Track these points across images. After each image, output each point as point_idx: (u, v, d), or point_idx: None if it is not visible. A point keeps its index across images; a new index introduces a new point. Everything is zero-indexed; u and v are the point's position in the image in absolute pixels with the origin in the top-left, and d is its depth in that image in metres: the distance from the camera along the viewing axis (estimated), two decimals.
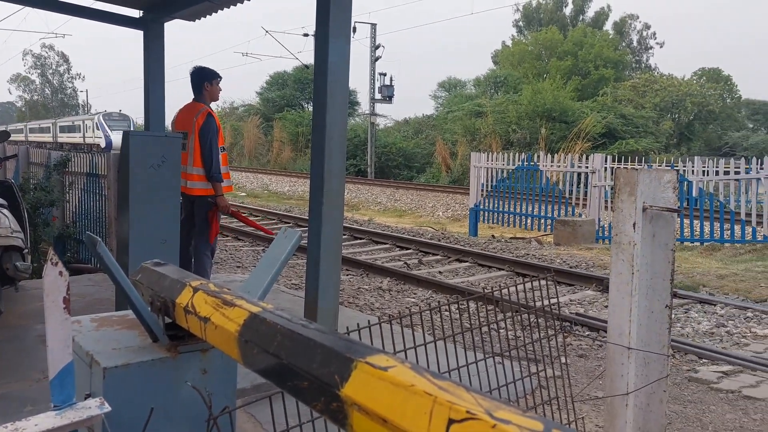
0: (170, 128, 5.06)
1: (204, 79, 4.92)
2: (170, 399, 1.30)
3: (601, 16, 46.35)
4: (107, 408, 1.12)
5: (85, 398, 1.15)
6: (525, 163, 13.12)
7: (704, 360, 4.66)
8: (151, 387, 1.27)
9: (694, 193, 10.75)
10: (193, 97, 4.98)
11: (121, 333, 1.43)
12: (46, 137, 47.42)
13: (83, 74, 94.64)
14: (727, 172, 10.56)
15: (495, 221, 13.48)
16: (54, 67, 75.73)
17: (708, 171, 11.06)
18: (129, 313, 1.52)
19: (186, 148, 4.74)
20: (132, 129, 25.09)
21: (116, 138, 30.47)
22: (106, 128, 34.71)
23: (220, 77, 5.00)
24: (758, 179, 10.03)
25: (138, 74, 6.28)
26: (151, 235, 3.69)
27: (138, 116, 36.35)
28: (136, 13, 6.35)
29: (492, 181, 13.60)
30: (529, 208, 12.77)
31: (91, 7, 6.50)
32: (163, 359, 1.30)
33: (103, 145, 33.69)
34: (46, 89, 76.35)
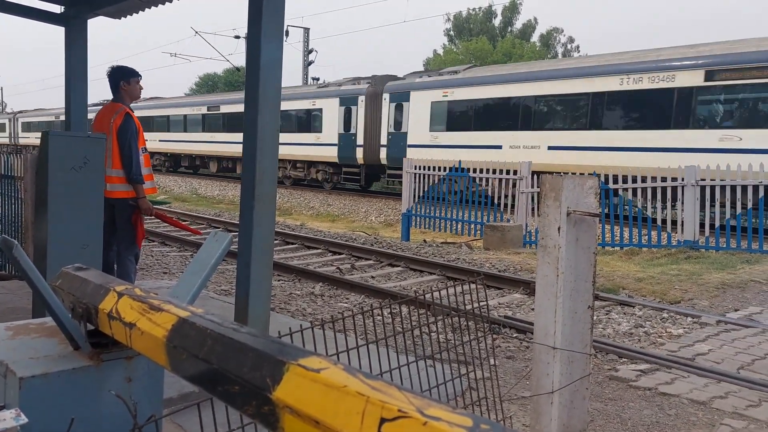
0: (92, 130, 4.87)
1: (120, 78, 4.76)
2: (93, 409, 1.25)
3: (529, 28, 47.90)
4: (24, 420, 1.07)
5: None
6: (455, 170, 13.37)
7: (624, 359, 4.87)
8: (72, 397, 1.22)
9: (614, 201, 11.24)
10: (112, 98, 4.82)
11: (40, 341, 1.36)
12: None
13: None
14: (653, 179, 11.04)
15: (427, 226, 13.66)
16: None
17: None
18: (48, 321, 1.45)
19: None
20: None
21: None
22: None
23: (140, 76, 4.84)
24: (683, 186, 10.58)
25: (59, 72, 6.02)
26: (71, 240, 3.53)
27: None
28: (57, 9, 6.08)
29: (424, 187, 13.78)
30: (460, 214, 13.01)
31: (9, 1, 6.17)
32: (84, 368, 1.25)
33: None
34: None
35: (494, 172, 12.76)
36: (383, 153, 21.10)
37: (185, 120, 31.18)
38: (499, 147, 17.12)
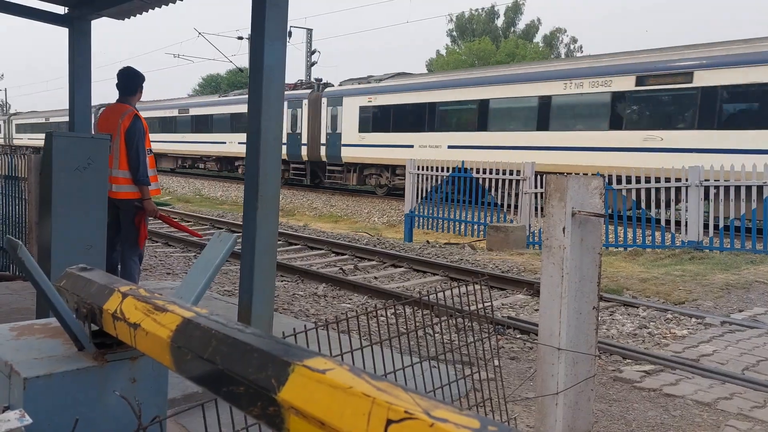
0: (95, 129, 4.89)
1: (141, 82, 4.85)
2: (97, 410, 1.24)
3: (532, 28, 47.88)
4: (28, 420, 1.06)
5: (4, 411, 1.09)
6: (459, 171, 13.35)
7: (628, 360, 4.86)
8: (77, 397, 1.22)
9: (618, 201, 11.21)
10: (117, 99, 4.83)
11: (44, 342, 1.36)
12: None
13: (2, 73, 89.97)
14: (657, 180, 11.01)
15: (430, 227, 13.64)
16: None
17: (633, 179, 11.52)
18: (52, 321, 1.45)
19: (111, 150, 4.59)
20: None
21: None
22: None
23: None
24: (686, 187, 10.55)
25: (63, 73, 6.03)
26: (75, 241, 3.53)
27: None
28: (60, 10, 6.09)
29: (427, 188, 13.76)
30: (463, 214, 12.99)
31: (13, 2, 6.19)
32: (89, 368, 1.25)
33: None
34: None
35: (497, 172, 12.74)
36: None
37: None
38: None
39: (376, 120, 21.79)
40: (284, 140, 23.77)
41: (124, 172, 4.58)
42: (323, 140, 23.77)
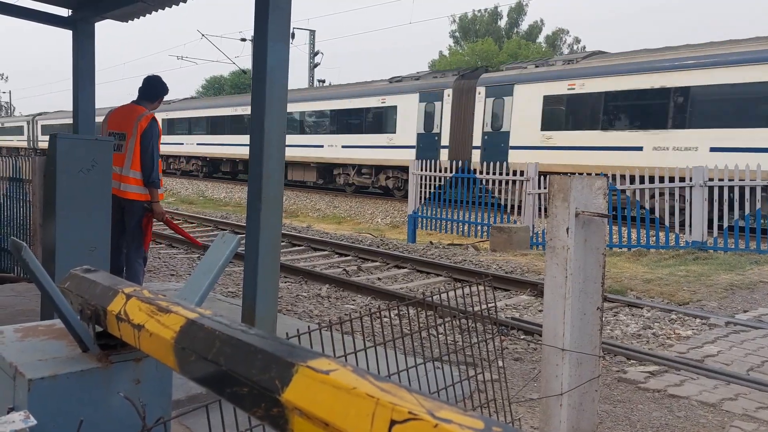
0: (103, 127, 4.87)
1: (162, 93, 4.91)
2: (101, 411, 1.24)
3: (535, 29, 47.85)
4: (33, 422, 1.06)
5: (8, 412, 1.09)
6: (462, 172, 13.35)
7: (632, 361, 4.85)
8: (81, 399, 1.22)
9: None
10: (134, 100, 4.86)
11: (48, 343, 1.36)
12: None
13: (6, 74, 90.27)
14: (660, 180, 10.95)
15: (433, 228, 13.64)
16: None
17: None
18: (56, 322, 1.45)
19: (123, 149, 4.60)
20: None
21: None
22: None
23: None
24: (690, 187, 10.52)
25: (66, 75, 6.05)
26: (79, 243, 3.54)
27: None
28: (64, 12, 6.11)
29: (430, 189, 13.76)
30: (466, 215, 12.98)
31: (16, 4, 6.21)
32: (93, 369, 1.25)
33: None
34: None
35: (500, 173, 12.73)
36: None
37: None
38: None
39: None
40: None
41: (135, 172, 4.59)
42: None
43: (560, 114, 16.30)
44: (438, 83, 19.91)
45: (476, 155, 17.98)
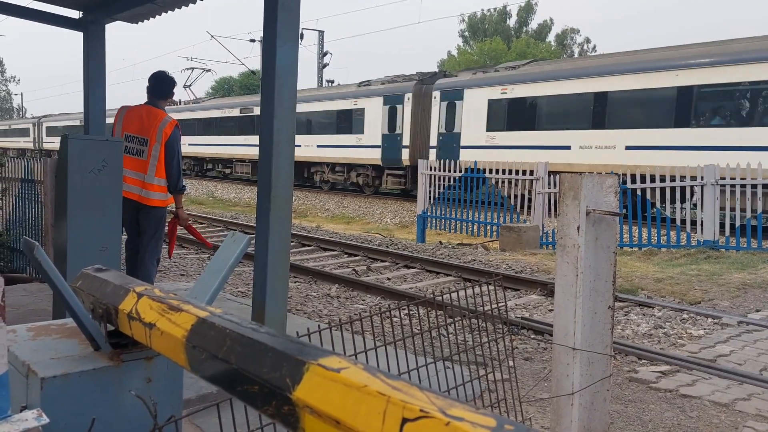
0: (117, 127, 4.78)
1: (171, 87, 4.86)
2: (113, 409, 1.25)
3: (544, 28, 47.69)
4: (45, 420, 1.07)
5: (21, 410, 1.10)
6: (471, 171, 13.32)
7: (643, 360, 4.81)
8: (93, 397, 1.22)
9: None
10: (147, 101, 4.76)
11: (60, 342, 1.37)
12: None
13: (18, 77, 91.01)
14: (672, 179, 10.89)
15: (442, 228, 13.62)
16: None
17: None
18: (68, 321, 1.46)
19: (145, 155, 4.54)
20: None
21: None
22: None
23: None
24: (702, 186, 10.45)
25: (77, 77, 6.09)
26: (90, 243, 3.57)
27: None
28: (75, 14, 6.15)
29: (439, 188, 13.74)
30: (476, 215, 12.95)
31: (28, 6, 6.26)
32: (105, 368, 1.26)
33: None
34: None
35: (510, 172, 12.69)
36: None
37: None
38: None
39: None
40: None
41: (160, 179, 4.57)
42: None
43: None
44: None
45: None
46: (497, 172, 12.92)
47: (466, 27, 48.92)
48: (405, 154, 20.81)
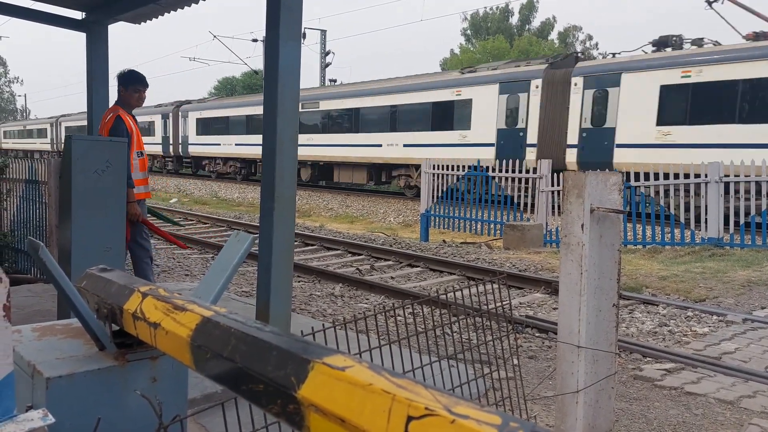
0: (127, 126, 4.85)
1: (120, 83, 4.78)
2: (118, 409, 1.25)
3: (547, 26, 47.59)
4: (51, 419, 1.07)
5: (27, 410, 1.10)
6: (475, 170, 13.31)
7: (648, 358, 4.80)
8: (98, 397, 1.23)
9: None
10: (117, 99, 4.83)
11: (65, 342, 1.37)
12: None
13: (21, 78, 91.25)
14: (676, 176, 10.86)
15: (446, 226, 13.61)
16: None
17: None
18: (73, 322, 1.46)
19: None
20: None
21: None
22: None
23: (141, 85, 4.80)
24: (706, 183, 10.42)
25: (80, 78, 6.10)
26: (94, 243, 3.57)
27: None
28: (78, 15, 6.17)
29: (443, 187, 13.73)
30: (479, 214, 12.94)
31: (31, 8, 6.27)
32: (110, 368, 1.26)
33: None
34: None
35: (513, 170, 12.67)
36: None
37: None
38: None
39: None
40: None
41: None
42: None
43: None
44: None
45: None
46: (500, 170, 12.87)
47: (469, 25, 48.87)
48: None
